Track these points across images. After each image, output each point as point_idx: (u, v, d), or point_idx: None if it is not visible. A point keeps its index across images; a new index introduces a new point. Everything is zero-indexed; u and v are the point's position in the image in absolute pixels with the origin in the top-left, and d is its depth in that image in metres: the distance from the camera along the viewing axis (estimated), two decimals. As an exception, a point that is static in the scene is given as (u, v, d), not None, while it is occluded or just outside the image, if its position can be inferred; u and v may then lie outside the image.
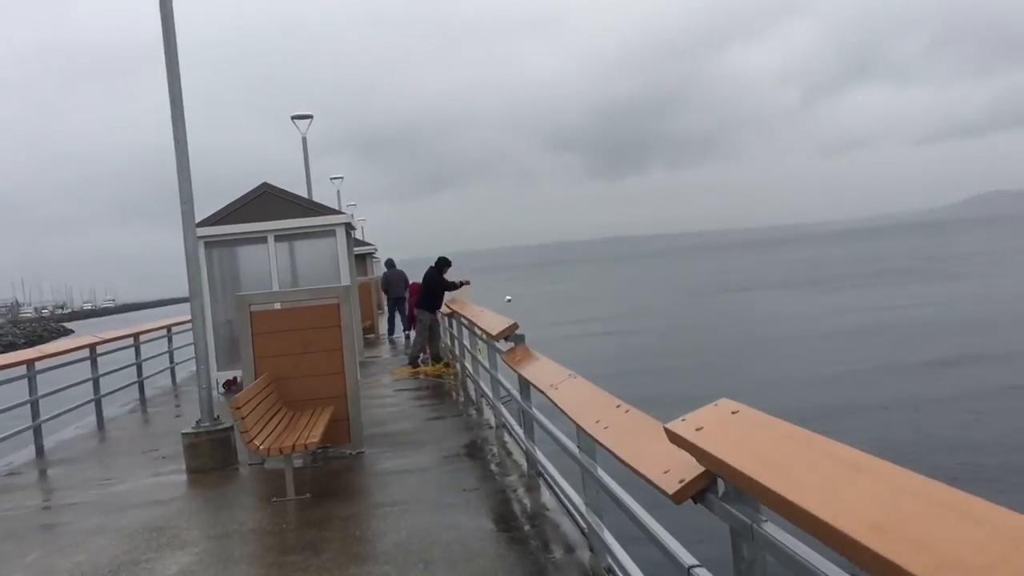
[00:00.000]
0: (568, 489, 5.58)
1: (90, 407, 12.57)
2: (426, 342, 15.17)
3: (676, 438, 2.72)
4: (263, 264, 14.08)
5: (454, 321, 12.88)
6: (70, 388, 12.21)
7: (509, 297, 52.08)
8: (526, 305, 51.12)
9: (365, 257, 28.94)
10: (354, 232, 19.92)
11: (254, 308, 8.70)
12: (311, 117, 25.27)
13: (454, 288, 14.61)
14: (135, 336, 15.22)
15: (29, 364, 10.66)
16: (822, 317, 34.64)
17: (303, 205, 14.84)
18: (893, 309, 34.87)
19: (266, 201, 14.14)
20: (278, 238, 14.07)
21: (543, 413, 5.96)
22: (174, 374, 16.98)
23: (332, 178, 40.17)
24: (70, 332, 79.34)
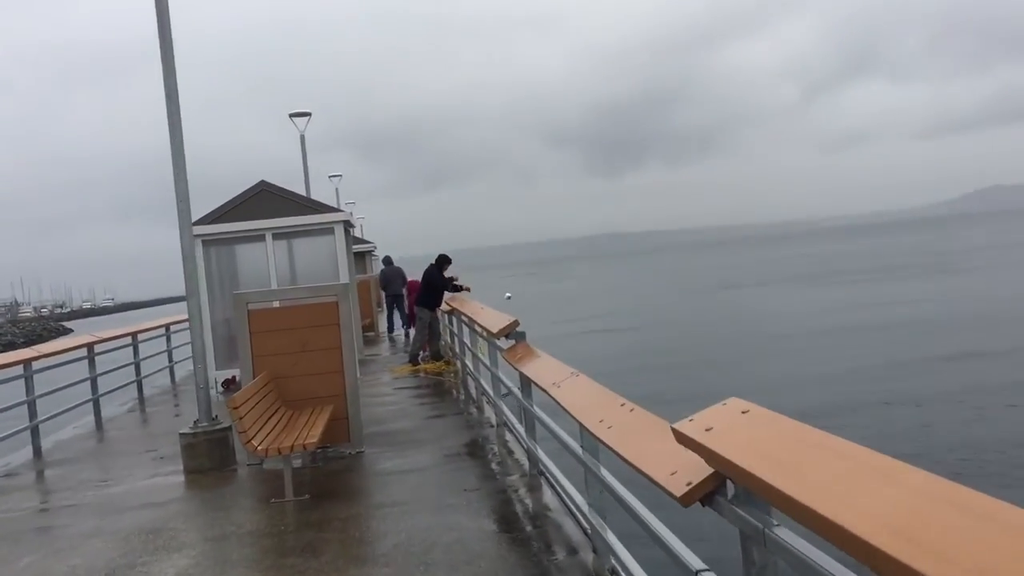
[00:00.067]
0: (571, 489, 5.50)
1: (88, 407, 12.51)
2: (426, 340, 15.10)
3: (684, 439, 2.64)
4: (261, 262, 13.99)
5: (454, 318, 12.81)
6: (68, 388, 12.13)
7: (509, 294, 52.06)
8: (526, 302, 51.04)
9: (364, 255, 28.88)
10: (353, 230, 19.86)
11: (252, 306, 8.62)
12: (309, 115, 25.17)
13: (455, 289, 14.55)
14: (133, 335, 15.16)
15: (26, 364, 10.59)
16: (823, 313, 34.58)
17: (301, 203, 14.75)
18: (895, 305, 34.81)
19: (264, 199, 14.06)
20: (276, 236, 13.99)
21: (545, 411, 5.89)
22: (173, 373, 16.92)
23: (331, 176, 40.08)
24: (69, 331, 79.33)
